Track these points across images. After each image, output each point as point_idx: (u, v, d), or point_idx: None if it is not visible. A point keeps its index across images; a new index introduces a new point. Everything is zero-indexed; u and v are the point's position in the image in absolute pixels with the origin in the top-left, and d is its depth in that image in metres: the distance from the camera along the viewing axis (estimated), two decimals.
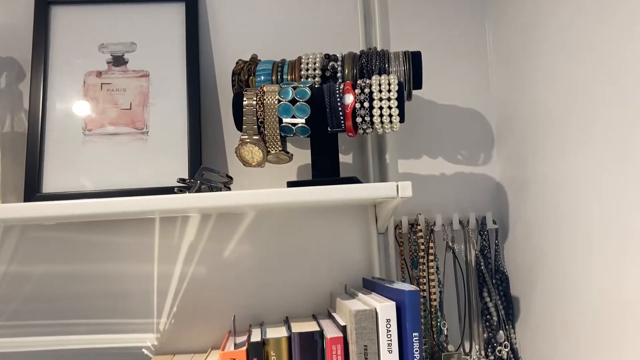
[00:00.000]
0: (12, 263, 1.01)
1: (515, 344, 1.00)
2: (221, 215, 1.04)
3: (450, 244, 1.03)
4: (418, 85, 0.95)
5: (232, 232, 1.04)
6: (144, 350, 1.01)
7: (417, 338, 0.80)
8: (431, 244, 1.01)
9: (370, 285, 0.98)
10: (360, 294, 0.93)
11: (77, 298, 1.01)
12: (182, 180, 0.90)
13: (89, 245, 1.02)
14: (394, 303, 0.81)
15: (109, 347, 1.01)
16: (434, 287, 1.00)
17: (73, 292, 1.01)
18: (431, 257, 1.01)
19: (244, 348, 0.86)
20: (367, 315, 0.81)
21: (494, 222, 1.04)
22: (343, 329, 0.85)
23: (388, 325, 0.80)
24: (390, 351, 0.80)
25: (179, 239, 1.03)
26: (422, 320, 1.00)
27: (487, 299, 1.01)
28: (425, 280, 1.01)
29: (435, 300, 1.00)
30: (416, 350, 0.80)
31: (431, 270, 1.00)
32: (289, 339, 0.87)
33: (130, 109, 1.01)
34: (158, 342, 1.01)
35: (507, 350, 0.98)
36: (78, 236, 1.02)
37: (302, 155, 1.04)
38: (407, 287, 0.82)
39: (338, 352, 0.83)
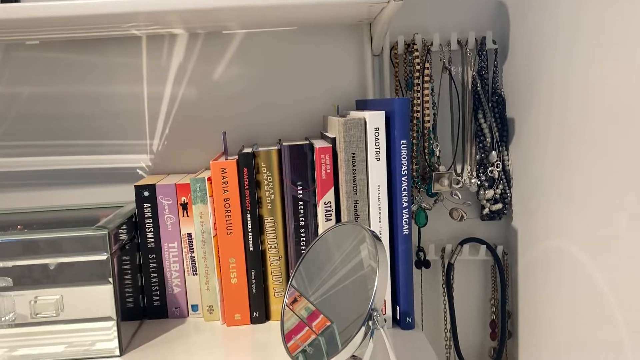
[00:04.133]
0: None
1: (508, 165, 1.00)
2: (209, 34, 1.00)
3: (447, 65, 1.00)
4: None
5: (221, 53, 1.01)
6: (138, 170, 1.02)
7: (404, 145, 0.79)
8: (427, 65, 0.98)
9: (363, 105, 0.97)
10: (351, 112, 0.92)
11: (68, 119, 1.00)
12: None
13: (76, 65, 1.00)
14: (383, 112, 0.80)
15: (103, 167, 1.02)
16: (427, 108, 0.98)
17: (64, 113, 1.00)
18: (426, 79, 0.98)
19: (235, 159, 0.87)
20: (355, 124, 0.80)
21: (494, 42, 0.99)
22: (332, 140, 0.84)
23: (376, 134, 0.80)
24: (378, 158, 0.80)
25: (167, 59, 1.00)
26: (414, 142, 0.99)
27: (482, 121, 0.99)
28: (419, 102, 0.99)
29: (428, 122, 0.99)
30: (403, 157, 0.79)
31: (426, 92, 0.98)
32: (279, 151, 0.87)
33: None
34: (152, 162, 1.02)
35: (498, 170, 0.99)
36: (64, 56, 0.99)
37: None
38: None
39: (327, 161, 0.83)
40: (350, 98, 1.03)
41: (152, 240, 0.90)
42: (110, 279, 0.77)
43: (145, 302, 0.91)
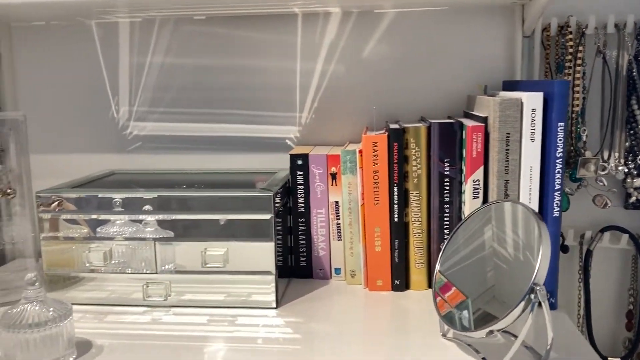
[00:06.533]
0: (167, 55, 1.09)
1: None
2: (362, 13, 1.04)
3: (601, 49, 0.98)
4: None
5: (371, 31, 1.05)
6: (287, 140, 1.09)
7: (562, 128, 0.80)
8: (580, 48, 0.97)
9: (512, 87, 0.97)
10: (501, 93, 0.93)
11: (227, 90, 1.09)
12: None
13: (236, 40, 1.07)
14: (541, 93, 0.80)
15: (256, 136, 1.10)
16: (577, 92, 0.97)
17: (223, 84, 1.09)
18: (579, 62, 0.97)
19: (382, 133, 0.91)
20: (512, 104, 0.81)
21: None
22: (484, 119, 0.86)
23: (533, 115, 0.81)
24: (532, 139, 0.81)
25: (320, 36, 1.06)
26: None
27: (635, 107, 0.96)
28: (570, 85, 0.97)
29: (577, 106, 0.98)
30: (560, 140, 0.80)
31: (577, 75, 0.97)
32: (429, 128, 0.90)
33: None
34: (300, 134, 1.09)
35: None
36: (225, 31, 1.07)
37: None
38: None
39: (478, 140, 0.85)
40: (496, 79, 1.03)
41: (303, 205, 0.97)
42: (272, 237, 0.85)
43: (292, 262, 0.98)
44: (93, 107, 1.12)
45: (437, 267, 0.78)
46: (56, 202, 0.89)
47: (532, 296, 0.61)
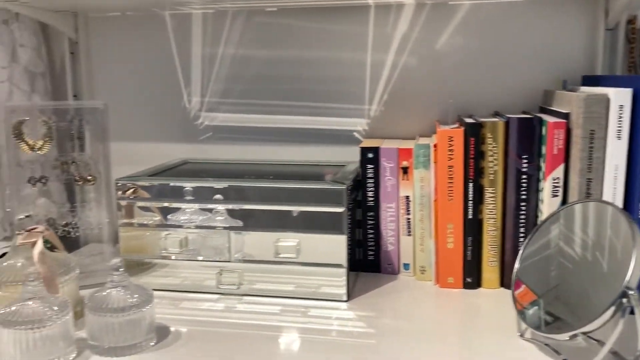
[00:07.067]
0: (239, 46, 1.10)
1: None
2: (435, 5, 1.02)
3: None
4: None
5: (445, 23, 1.03)
6: (354, 133, 1.09)
7: None
8: None
9: (594, 82, 0.94)
10: (582, 88, 0.90)
11: (296, 82, 1.09)
12: None
13: (307, 31, 1.07)
14: (630, 89, 0.77)
15: (323, 128, 1.10)
16: None
17: (292, 75, 1.09)
18: None
19: (460, 127, 0.89)
20: (597, 101, 0.78)
21: None
22: (565, 115, 0.83)
23: (620, 112, 0.77)
24: (619, 137, 0.78)
25: (392, 28, 1.04)
26: None
27: None
28: None
29: None
30: None
31: None
32: (507, 123, 0.87)
33: None
34: (368, 127, 1.08)
35: None
36: (297, 23, 1.07)
37: None
38: None
39: (560, 137, 0.83)
40: (574, 74, 1.00)
41: (372, 199, 0.96)
42: (345, 230, 0.85)
43: (360, 256, 0.98)
44: (166, 97, 1.15)
45: (516, 264, 0.76)
46: (131, 190, 0.91)
47: (625, 301, 0.59)
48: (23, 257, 0.78)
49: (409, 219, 0.95)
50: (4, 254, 1.01)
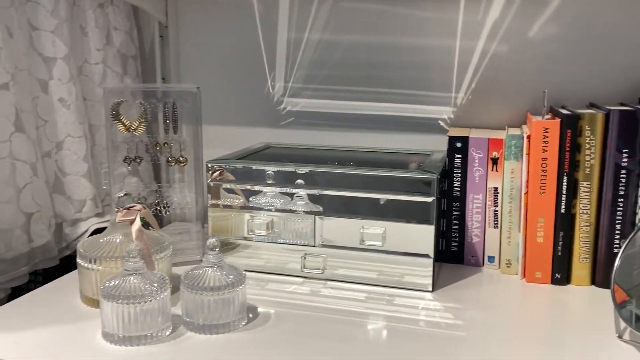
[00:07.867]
0: (324, 31, 1.10)
1: None
2: None
3: None
4: None
5: (539, 11, 0.99)
6: (440, 122, 1.07)
7: None
8: None
9: None
10: None
11: (381, 68, 1.08)
12: None
13: (394, 17, 1.06)
14: None
15: (408, 115, 1.08)
16: None
17: (377, 61, 1.08)
18: None
19: (555, 118, 0.86)
20: None
21: None
22: None
23: None
24: None
25: (483, 15, 1.02)
26: None
27: None
28: None
29: None
30: None
31: None
32: (607, 115, 0.84)
33: None
34: (454, 115, 1.06)
35: None
36: (385, 8, 1.06)
37: None
38: None
39: None
40: None
41: (459, 189, 0.94)
42: (433, 221, 0.84)
43: (443, 246, 0.97)
44: (250, 82, 1.16)
45: (617, 262, 0.74)
46: (217, 172, 0.93)
47: None
48: (121, 234, 0.81)
49: (496, 211, 0.93)
50: (98, 230, 1.06)
